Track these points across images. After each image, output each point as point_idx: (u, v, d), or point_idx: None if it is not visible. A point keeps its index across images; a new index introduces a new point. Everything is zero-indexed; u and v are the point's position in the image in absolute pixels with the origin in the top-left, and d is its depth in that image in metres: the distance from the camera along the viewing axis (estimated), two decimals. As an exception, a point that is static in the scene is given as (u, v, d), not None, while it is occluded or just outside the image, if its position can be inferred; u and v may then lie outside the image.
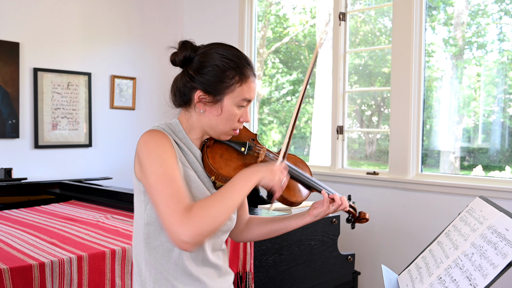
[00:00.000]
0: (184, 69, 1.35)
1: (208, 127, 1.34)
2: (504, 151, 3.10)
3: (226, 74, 1.30)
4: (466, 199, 2.90)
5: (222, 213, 1.17)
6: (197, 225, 1.13)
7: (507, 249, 1.02)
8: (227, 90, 1.30)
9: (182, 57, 1.34)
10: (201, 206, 1.16)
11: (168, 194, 1.17)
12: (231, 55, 1.33)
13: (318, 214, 1.48)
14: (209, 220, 1.14)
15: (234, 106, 1.32)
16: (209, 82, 1.30)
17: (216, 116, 1.32)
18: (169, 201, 1.16)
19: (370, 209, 3.44)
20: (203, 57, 1.32)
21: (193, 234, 1.12)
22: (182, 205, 1.15)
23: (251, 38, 4.31)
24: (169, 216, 1.14)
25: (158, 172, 1.20)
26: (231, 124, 1.33)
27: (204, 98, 1.31)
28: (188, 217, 1.13)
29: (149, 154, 1.23)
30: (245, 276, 2.26)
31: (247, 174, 1.26)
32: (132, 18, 4.42)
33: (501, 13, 3.18)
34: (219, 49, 1.33)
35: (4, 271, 1.67)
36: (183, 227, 1.12)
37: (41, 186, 3.52)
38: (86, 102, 4.11)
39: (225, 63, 1.31)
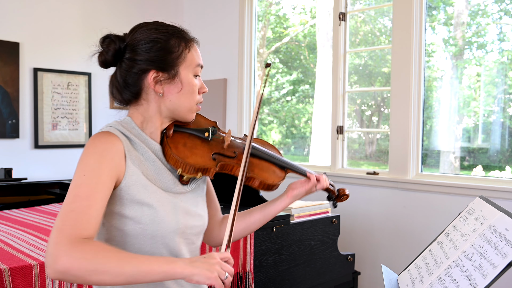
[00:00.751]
0: (120, 62, 1.22)
1: (170, 110, 1.22)
2: (504, 151, 3.10)
3: (171, 44, 1.19)
4: (466, 199, 2.90)
5: (109, 273, 0.96)
6: (73, 263, 0.94)
7: (507, 249, 1.02)
8: (178, 60, 1.19)
9: (112, 51, 1.20)
10: (97, 249, 0.97)
11: (71, 208, 1.01)
12: (164, 25, 1.22)
13: (298, 194, 1.41)
14: (89, 268, 0.95)
15: (191, 75, 1.21)
16: (157, 57, 1.17)
17: (177, 94, 1.20)
18: (67, 216, 1.00)
19: (370, 209, 3.44)
20: (137, 39, 1.19)
21: (64, 267, 0.94)
22: (77, 231, 0.98)
23: (251, 38, 4.32)
24: (57, 232, 0.97)
25: (78, 181, 1.05)
26: (194, 97, 1.22)
27: (158, 76, 1.18)
28: (72, 248, 0.95)
29: (82, 158, 1.09)
30: (245, 276, 2.26)
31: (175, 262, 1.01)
32: (132, 18, 4.42)
33: (501, 13, 3.18)
34: (148, 26, 1.21)
35: (4, 271, 1.67)
36: (59, 253, 0.94)
37: (41, 186, 3.52)
38: (86, 102, 4.11)
39: (164, 33, 1.19)
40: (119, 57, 1.21)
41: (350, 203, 3.54)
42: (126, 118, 1.24)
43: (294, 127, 4.86)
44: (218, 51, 4.41)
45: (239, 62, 4.26)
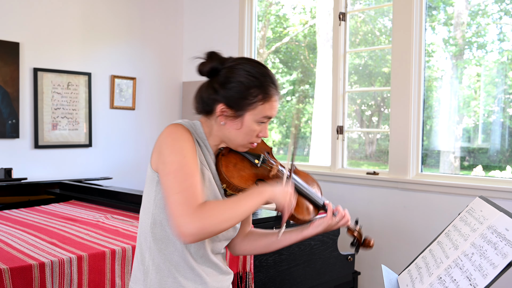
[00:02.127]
0: (210, 81, 1.37)
1: (226, 138, 1.37)
2: (504, 151, 3.10)
3: (250, 92, 1.32)
4: (466, 199, 2.90)
5: (229, 219, 1.22)
6: (204, 221, 1.17)
7: (507, 249, 1.02)
8: (249, 107, 1.33)
9: (209, 68, 1.36)
10: (213, 206, 1.21)
11: (186, 186, 1.21)
12: (257, 73, 1.35)
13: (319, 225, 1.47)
14: (216, 222, 1.19)
15: (254, 122, 1.34)
16: (232, 97, 1.32)
17: (235, 130, 1.35)
18: (185, 192, 1.20)
19: (370, 209, 3.44)
20: (230, 71, 1.34)
21: (197, 228, 1.17)
22: (196, 200, 1.20)
23: (251, 38, 4.31)
24: (181, 206, 1.18)
25: (180, 162, 1.24)
26: (249, 138, 1.36)
27: (225, 112, 1.33)
28: (198, 212, 1.18)
29: (173, 144, 1.26)
30: (245, 276, 2.26)
31: (261, 188, 1.30)
32: (132, 18, 4.42)
33: (501, 13, 3.18)
34: (246, 65, 1.35)
35: (4, 271, 1.67)
36: (190, 219, 1.17)
37: (41, 186, 3.52)
38: (86, 102, 4.11)
39: (251, 80, 1.33)
40: (212, 74, 1.37)
41: (350, 203, 3.54)
42: (197, 122, 1.39)
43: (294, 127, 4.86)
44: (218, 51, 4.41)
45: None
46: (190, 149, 1.27)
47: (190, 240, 1.18)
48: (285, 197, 1.32)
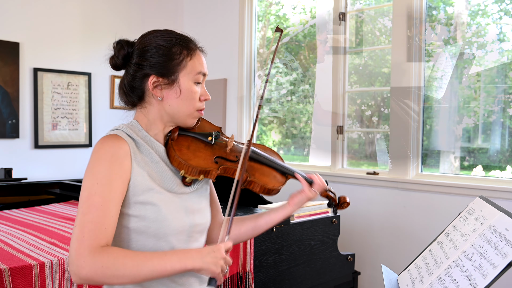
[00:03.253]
0: (127, 65, 1.28)
1: (170, 115, 1.26)
2: (504, 151, 3.10)
3: (173, 51, 1.24)
4: (466, 199, 2.90)
5: (129, 276, 1.07)
6: (95, 271, 1.04)
7: (507, 249, 1.02)
8: (179, 66, 1.24)
9: (122, 56, 1.27)
10: (116, 255, 1.06)
11: (89, 219, 1.07)
12: (170, 33, 1.27)
13: (299, 201, 1.40)
14: (110, 274, 1.05)
15: (191, 82, 1.25)
16: (158, 63, 1.23)
17: (176, 99, 1.24)
18: (85, 227, 1.07)
19: (370, 209, 3.44)
20: (142, 44, 1.26)
21: (87, 274, 1.04)
22: (96, 240, 1.06)
23: (251, 38, 4.31)
24: (78, 242, 1.05)
25: (92, 189, 1.10)
26: (193, 103, 1.26)
27: (158, 82, 1.23)
28: (93, 257, 1.04)
29: (93, 165, 1.13)
30: (245, 276, 2.26)
31: (186, 256, 1.13)
32: (132, 18, 4.42)
33: (501, 13, 3.18)
34: (156, 33, 1.27)
35: (4, 271, 1.67)
36: (81, 262, 1.04)
37: (41, 186, 3.52)
38: (86, 102, 4.11)
39: (168, 40, 1.25)
40: (127, 61, 1.27)
41: (350, 203, 3.53)
42: (133, 121, 1.29)
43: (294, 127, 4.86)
44: (218, 51, 4.41)
45: (239, 62, 4.26)
46: (111, 176, 1.11)
47: (78, 281, 1.05)
48: (216, 266, 1.14)
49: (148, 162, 1.22)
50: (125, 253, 1.08)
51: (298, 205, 1.41)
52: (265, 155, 1.42)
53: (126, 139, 1.20)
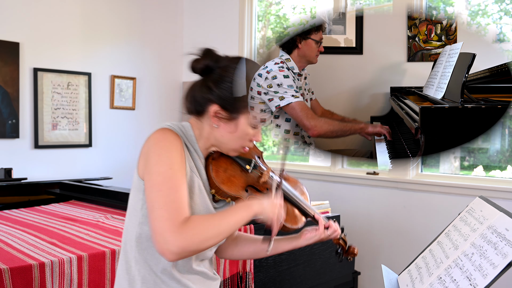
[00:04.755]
0: (203, 79, 1.30)
1: (218, 141, 1.31)
2: (504, 151, 3.10)
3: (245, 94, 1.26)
4: (466, 199, 2.90)
5: (215, 236, 1.17)
6: (188, 239, 1.12)
7: (507, 249, 1.02)
8: (245, 109, 1.26)
9: (203, 65, 1.29)
10: (198, 222, 1.15)
11: (171, 199, 1.15)
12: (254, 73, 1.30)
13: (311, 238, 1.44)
14: (201, 239, 1.14)
15: (249, 126, 1.28)
16: (227, 98, 1.25)
17: (229, 133, 1.28)
18: (169, 206, 1.14)
19: (370, 209, 3.44)
20: (225, 70, 1.27)
21: (181, 247, 1.11)
22: (181, 216, 1.14)
23: (251, 38, 4.31)
24: (164, 222, 1.12)
25: (166, 173, 1.17)
26: (242, 142, 1.30)
27: (220, 113, 1.26)
28: (182, 229, 1.12)
29: (160, 152, 1.20)
30: (245, 276, 2.26)
31: (249, 203, 1.24)
32: (132, 18, 4.42)
33: (501, 13, 3.18)
34: (241, 65, 1.28)
35: (4, 271, 1.67)
36: (174, 237, 1.11)
37: (41, 186, 3.52)
38: (86, 102, 4.11)
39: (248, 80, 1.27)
40: (206, 73, 1.29)
41: (350, 203, 3.54)
42: (187, 124, 1.32)
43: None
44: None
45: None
46: (178, 159, 1.20)
47: (173, 258, 1.12)
48: (273, 210, 1.26)
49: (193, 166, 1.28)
50: (204, 218, 1.18)
51: (309, 241, 1.45)
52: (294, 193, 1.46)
53: (180, 134, 1.26)
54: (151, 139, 1.23)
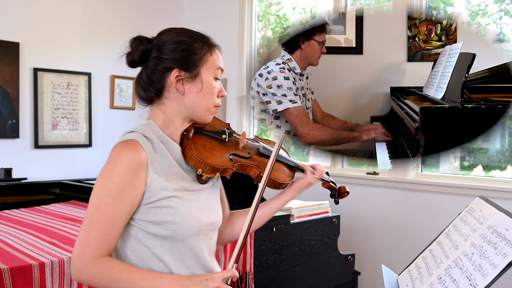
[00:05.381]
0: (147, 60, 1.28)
1: (190, 109, 1.27)
2: (504, 151, 3.10)
3: (194, 46, 1.26)
4: (466, 199, 2.90)
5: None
6: (93, 280, 1.12)
7: (507, 249, 1.02)
8: (201, 61, 1.26)
9: (140, 51, 1.28)
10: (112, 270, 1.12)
11: (97, 229, 1.12)
12: (189, 30, 1.31)
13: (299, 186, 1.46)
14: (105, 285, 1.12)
15: (211, 77, 1.28)
16: (181, 57, 1.25)
17: (197, 93, 1.26)
18: (92, 236, 1.12)
19: (370, 209, 3.44)
20: (163, 40, 1.27)
21: (83, 279, 1.12)
22: (99, 251, 1.12)
23: (251, 38, 4.31)
24: (83, 249, 1.12)
25: (103, 200, 1.13)
26: (213, 98, 1.28)
27: (180, 76, 1.24)
28: (93, 267, 1.11)
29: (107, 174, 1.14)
30: (245, 276, 2.26)
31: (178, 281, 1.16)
32: (132, 18, 4.42)
33: (501, 13, 3.18)
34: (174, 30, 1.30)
35: (4, 271, 1.67)
36: (81, 267, 1.11)
37: (41, 186, 3.52)
38: (86, 102, 4.11)
39: (188, 36, 1.28)
40: (145, 57, 1.28)
41: (350, 203, 3.53)
42: (150, 122, 1.28)
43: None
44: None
45: (239, 62, 4.26)
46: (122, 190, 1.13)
47: (79, 282, 1.15)
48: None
49: (165, 166, 1.22)
50: (123, 268, 1.14)
51: (298, 190, 1.46)
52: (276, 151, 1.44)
53: (144, 144, 1.20)
54: (111, 154, 1.18)
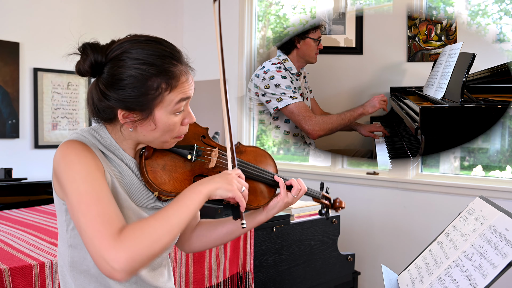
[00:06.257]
0: (96, 82, 1.09)
1: (145, 141, 1.13)
2: (504, 151, 3.10)
3: (148, 85, 1.04)
4: (466, 199, 2.90)
5: (164, 234, 0.98)
6: (131, 249, 0.94)
7: (507, 249, 1.02)
8: (154, 101, 1.06)
9: (88, 64, 1.08)
10: (138, 227, 0.98)
11: (94, 214, 0.97)
12: (150, 56, 1.06)
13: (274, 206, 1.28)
14: (147, 244, 0.96)
15: (169, 115, 1.08)
16: (129, 98, 1.04)
17: (151, 131, 1.09)
18: (94, 223, 0.96)
19: (370, 209, 3.44)
20: (115, 66, 1.06)
21: (126, 260, 0.93)
22: (112, 227, 0.96)
23: (251, 38, 4.31)
24: (96, 241, 0.94)
25: (80, 189, 1.00)
26: (171, 134, 1.11)
27: (129, 117, 1.07)
28: (119, 241, 0.94)
29: (68, 169, 1.02)
30: (245, 276, 2.26)
31: (197, 186, 1.06)
32: (132, 18, 4.42)
33: (501, 13, 3.18)
34: (134, 51, 1.06)
35: (4, 271, 1.67)
36: (113, 253, 0.93)
37: (41, 186, 3.52)
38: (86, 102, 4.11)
39: (145, 70, 1.04)
40: (96, 71, 1.09)
41: (350, 203, 3.54)
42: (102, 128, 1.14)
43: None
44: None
45: (239, 62, 4.26)
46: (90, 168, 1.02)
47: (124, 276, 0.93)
48: (230, 182, 1.08)
49: (116, 172, 1.11)
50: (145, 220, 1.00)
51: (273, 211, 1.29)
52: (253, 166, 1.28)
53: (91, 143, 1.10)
54: (56, 156, 1.06)
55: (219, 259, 2.18)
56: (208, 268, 2.15)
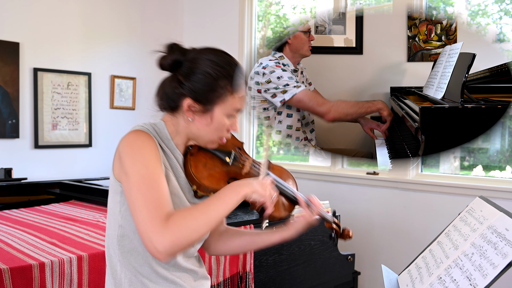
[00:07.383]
0: (173, 74, 1.29)
1: (195, 135, 1.30)
2: (504, 151, 3.10)
3: (218, 83, 1.24)
4: (466, 199, 2.90)
5: (203, 225, 1.13)
6: (175, 235, 1.09)
7: (507, 249, 1.02)
8: (218, 99, 1.25)
9: (171, 60, 1.28)
10: (182, 215, 1.12)
11: (150, 198, 1.12)
12: (224, 62, 1.27)
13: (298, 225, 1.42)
14: (188, 232, 1.10)
15: (224, 116, 1.27)
16: (199, 90, 1.24)
17: (205, 126, 1.27)
18: (149, 205, 1.11)
19: (370, 209, 3.44)
20: (194, 62, 1.26)
21: (169, 244, 1.08)
22: (163, 212, 1.11)
23: (251, 38, 4.31)
24: (147, 221, 1.10)
25: (141, 173, 1.15)
26: (219, 133, 1.29)
27: (193, 107, 1.25)
28: (166, 226, 1.09)
29: (133, 153, 1.18)
30: (245, 276, 2.26)
31: (236, 186, 1.21)
32: (132, 18, 4.42)
33: (501, 13, 3.18)
34: (211, 55, 1.27)
35: (4, 271, 1.67)
36: (159, 235, 1.08)
37: (41, 186, 3.51)
38: (86, 102, 4.11)
39: (218, 71, 1.25)
40: (175, 67, 1.28)
41: (350, 203, 3.54)
42: (160, 122, 1.31)
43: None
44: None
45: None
46: (152, 157, 1.18)
47: (164, 257, 1.09)
48: (264, 189, 1.23)
49: (168, 166, 1.27)
50: (189, 209, 1.15)
51: (298, 230, 1.42)
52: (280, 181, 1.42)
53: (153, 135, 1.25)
54: (123, 141, 1.21)
55: (219, 259, 2.18)
56: (208, 268, 2.15)
